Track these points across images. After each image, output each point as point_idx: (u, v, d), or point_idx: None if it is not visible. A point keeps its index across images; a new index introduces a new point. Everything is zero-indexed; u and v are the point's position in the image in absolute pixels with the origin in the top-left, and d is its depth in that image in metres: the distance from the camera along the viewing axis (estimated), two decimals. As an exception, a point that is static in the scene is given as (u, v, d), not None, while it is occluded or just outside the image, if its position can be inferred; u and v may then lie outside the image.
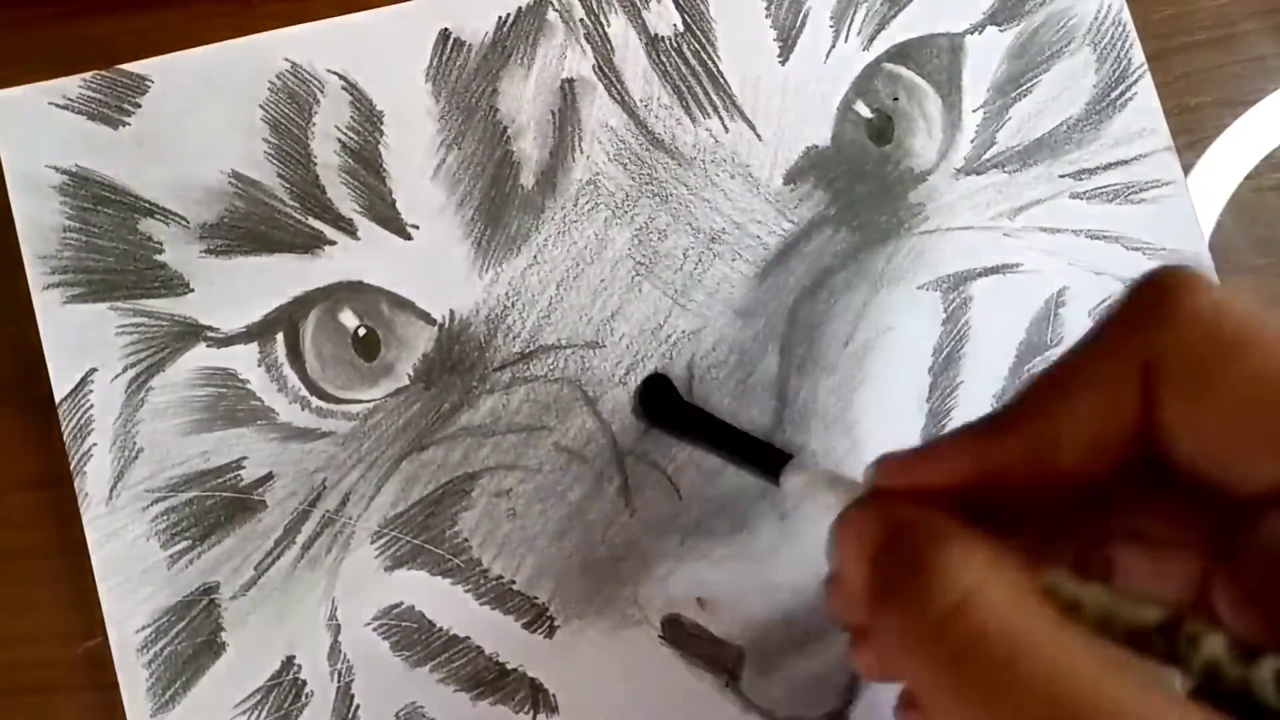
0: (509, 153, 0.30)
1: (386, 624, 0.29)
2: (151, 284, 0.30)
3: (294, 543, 0.29)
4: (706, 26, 0.31)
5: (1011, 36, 0.32)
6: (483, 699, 0.29)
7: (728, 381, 0.30)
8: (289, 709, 0.29)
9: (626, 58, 0.31)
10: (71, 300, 0.29)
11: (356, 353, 0.30)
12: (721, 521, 0.29)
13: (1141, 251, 0.32)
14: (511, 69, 0.30)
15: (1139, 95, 0.32)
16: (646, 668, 0.29)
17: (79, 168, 0.30)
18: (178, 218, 0.30)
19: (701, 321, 0.30)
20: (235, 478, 0.29)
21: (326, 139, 0.30)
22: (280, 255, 0.30)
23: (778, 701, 0.29)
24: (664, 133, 0.31)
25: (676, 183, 0.31)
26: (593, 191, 0.30)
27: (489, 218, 0.30)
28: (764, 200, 0.31)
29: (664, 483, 0.29)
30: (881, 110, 0.31)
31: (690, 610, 0.29)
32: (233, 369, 0.29)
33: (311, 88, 0.30)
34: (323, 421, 0.29)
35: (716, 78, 0.31)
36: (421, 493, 0.29)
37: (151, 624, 0.29)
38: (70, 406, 0.29)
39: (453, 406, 0.30)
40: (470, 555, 0.29)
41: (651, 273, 0.30)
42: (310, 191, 0.30)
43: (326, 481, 0.29)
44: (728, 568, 0.29)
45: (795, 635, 0.29)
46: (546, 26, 0.31)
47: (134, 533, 0.29)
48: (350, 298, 0.30)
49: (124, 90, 0.30)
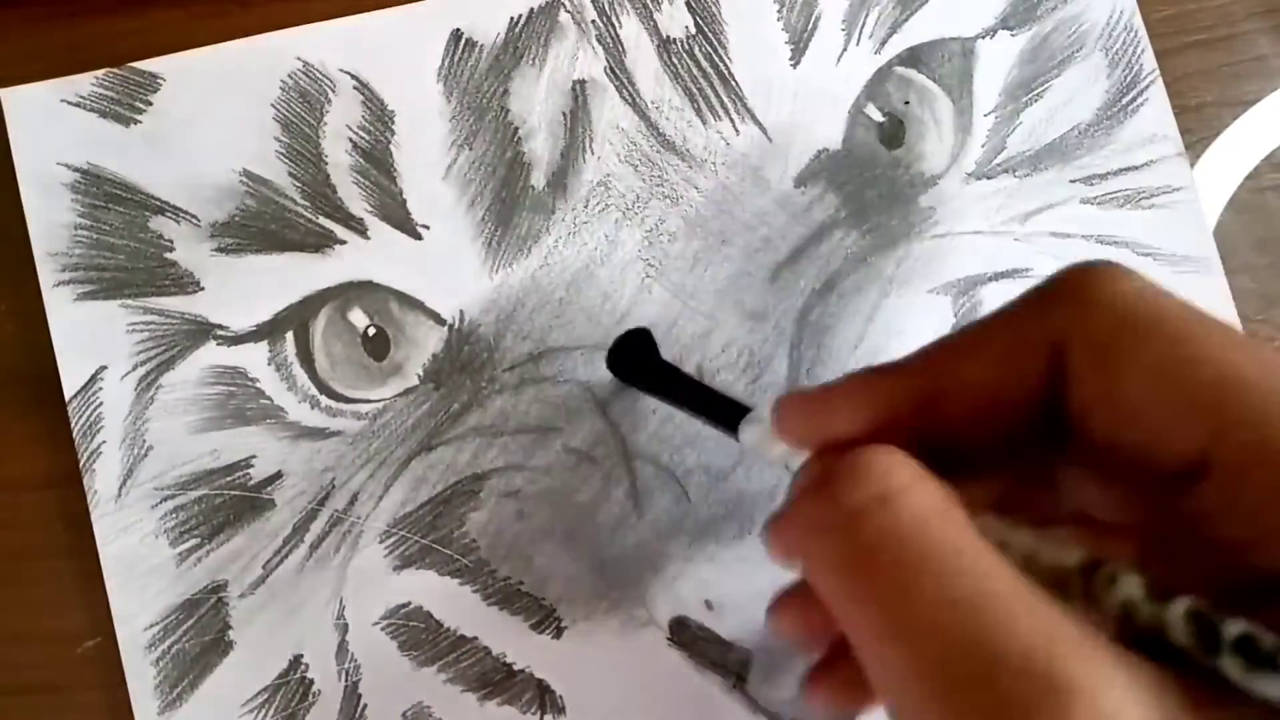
0: (520, 153, 0.30)
1: (394, 624, 0.29)
2: (162, 282, 0.30)
3: (302, 542, 0.29)
4: (718, 29, 0.31)
5: (1023, 41, 0.32)
6: (490, 699, 0.29)
7: (737, 383, 0.30)
8: (296, 708, 0.29)
9: (638, 59, 0.31)
10: (82, 298, 0.29)
11: (366, 352, 0.30)
12: (729, 524, 0.29)
13: (1151, 257, 0.32)
14: (523, 70, 0.31)
15: (1150, 101, 0.32)
16: (654, 669, 0.29)
17: (90, 165, 0.30)
18: (189, 216, 0.30)
19: (711, 324, 0.30)
20: (244, 476, 0.29)
21: (338, 138, 0.30)
22: (291, 254, 0.30)
23: (784, 704, 0.29)
24: (675, 135, 0.31)
25: (687, 185, 0.31)
26: (603, 193, 0.30)
27: (499, 218, 0.30)
28: (774, 203, 0.31)
29: (672, 485, 0.29)
30: (893, 114, 0.31)
31: (698, 612, 0.29)
32: (242, 367, 0.29)
33: (323, 87, 0.30)
34: (332, 421, 0.29)
35: (728, 80, 0.31)
36: (430, 493, 0.29)
37: (159, 622, 0.29)
38: (80, 404, 0.29)
39: (462, 407, 0.30)
40: (478, 556, 0.29)
41: (662, 274, 0.30)
42: (321, 191, 0.30)
43: (335, 481, 0.29)
44: (735, 570, 0.29)
45: (802, 638, 0.29)
46: (558, 28, 0.31)
47: (143, 530, 0.29)
48: (360, 297, 0.30)
49: (136, 88, 0.30)
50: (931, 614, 0.14)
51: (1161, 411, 0.16)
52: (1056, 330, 0.17)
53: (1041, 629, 0.14)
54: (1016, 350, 0.18)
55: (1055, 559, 0.16)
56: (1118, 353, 0.16)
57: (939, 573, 0.15)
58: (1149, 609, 0.15)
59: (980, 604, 0.14)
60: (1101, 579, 0.16)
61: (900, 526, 0.15)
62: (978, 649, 0.14)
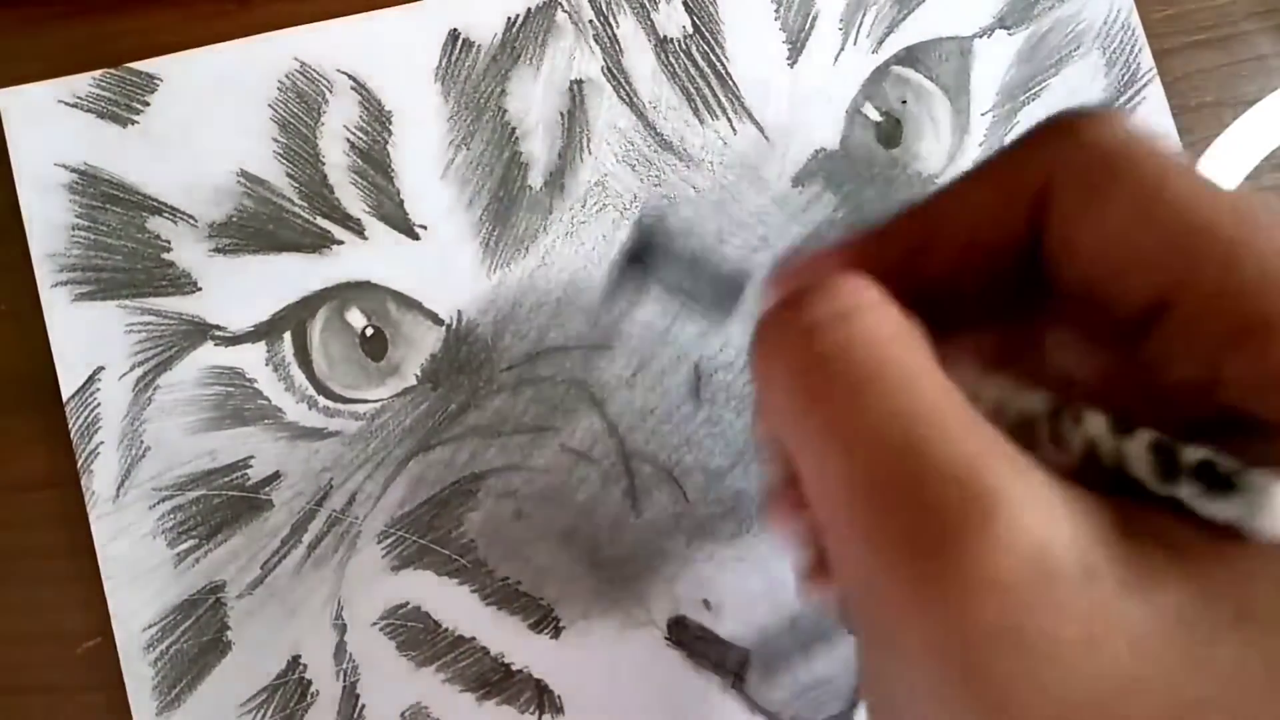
0: (517, 153, 0.30)
1: (392, 624, 0.29)
2: (160, 283, 0.30)
3: (300, 542, 0.29)
4: (715, 28, 0.31)
5: (1020, 40, 0.32)
6: (488, 699, 0.29)
7: (734, 383, 0.30)
8: (294, 708, 0.29)
9: (635, 59, 0.31)
10: (80, 299, 0.29)
11: (364, 352, 0.30)
12: (727, 523, 0.29)
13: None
14: (520, 70, 0.31)
15: (1148, 100, 0.32)
16: (652, 669, 0.29)
17: (88, 166, 0.30)
18: (186, 216, 0.30)
19: (708, 323, 0.30)
20: (242, 477, 0.29)
21: (335, 139, 0.30)
22: (288, 254, 0.30)
23: (783, 704, 0.29)
24: (672, 134, 0.31)
25: (685, 184, 0.31)
26: (601, 192, 0.30)
27: (497, 218, 0.30)
28: (772, 202, 0.31)
29: (670, 484, 0.29)
30: (890, 113, 0.31)
31: (696, 612, 0.29)
32: (240, 368, 0.29)
33: (320, 87, 0.30)
34: (330, 421, 0.29)
35: (725, 80, 0.31)
36: (428, 493, 0.29)
37: (158, 622, 0.29)
38: (78, 405, 0.29)
39: (460, 407, 0.30)
40: (476, 556, 0.29)
41: (659, 274, 0.30)
42: (319, 191, 0.30)
43: (333, 481, 0.29)
44: (733, 570, 0.29)
45: (801, 637, 0.29)
46: (555, 28, 0.31)
47: (141, 531, 0.29)
48: (358, 297, 0.30)
49: (133, 89, 0.30)
50: (872, 423, 0.14)
51: (1128, 253, 0.16)
52: (1041, 171, 0.17)
53: (976, 446, 0.14)
54: (1003, 193, 0.17)
55: (1025, 405, 0.16)
56: (1095, 192, 0.16)
57: (884, 388, 0.15)
58: (1110, 444, 0.15)
59: (920, 418, 0.14)
60: (1066, 419, 0.16)
61: (854, 340, 0.15)
62: (910, 459, 0.14)
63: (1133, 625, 0.13)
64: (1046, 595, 0.13)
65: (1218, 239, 0.15)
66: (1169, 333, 0.16)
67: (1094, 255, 0.16)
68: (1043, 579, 0.13)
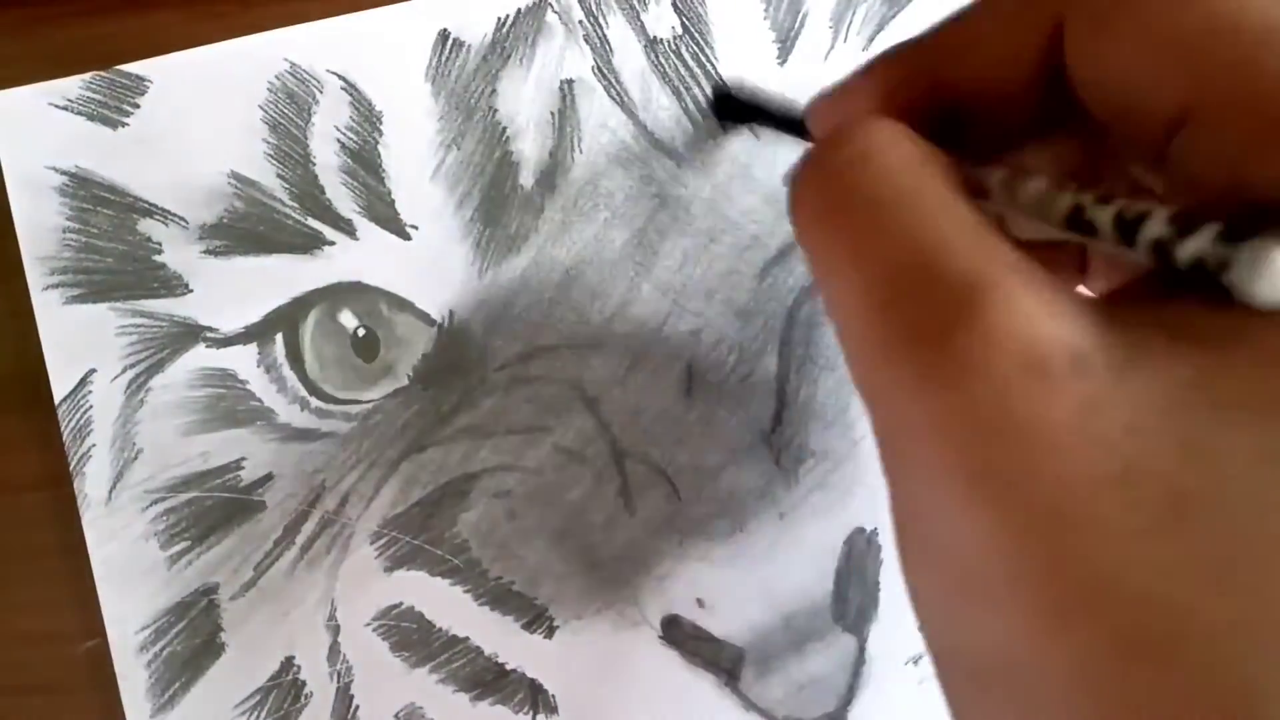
0: (508, 153, 0.30)
1: (386, 624, 0.29)
2: (151, 284, 0.30)
3: (293, 543, 0.29)
4: (704, 28, 0.31)
5: (1010, 37, 0.32)
6: (482, 699, 0.29)
7: (727, 381, 0.30)
8: (288, 709, 0.29)
9: (625, 59, 0.31)
10: (71, 301, 0.29)
11: (356, 353, 0.30)
12: (721, 522, 0.29)
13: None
14: (511, 69, 0.31)
15: None
16: (646, 668, 0.29)
17: (78, 168, 0.30)
18: (177, 218, 0.30)
19: (701, 322, 0.30)
20: (234, 478, 0.29)
21: (326, 139, 0.30)
22: (279, 256, 0.30)
23: (777, 702, 0.29)
24: (663, 133, 0.31)
25: (676, 183, 0.31)
26: (592, 192, 0.30)
27: (488, 218, 0.30)
28: (763, 200, 0.31)
29: (663, 483, 0.29)
30: (880, 111, 0.31)
31: (690, 610, 0.29)
32: (232, 369, 0.29)
33: (310, 88, 0.30)
34: (322, 422, 0.29)
35: (715, 79, 0.31)
36: (421, 493, 0.29)
37: (151, 624, 0.29)
38: (69, 407, 0.29)
39: (452, 407, 0.30)
40: (470, 556, 0.29)
41: (651, 273, 0.30)
42: (309, 192, 0.30)
43: (326, 482, 0.29)
44: (727, 568, 0.29)
45: (795, 636, 0.29)
46: (545, 28, 0.31)
47: (133, 533, 0.29)
48: (349, 298, 0.30)
49: (123, 91, 0.30)
50: (886, 242, 0.16)
51: (1148, 63, 0.16)
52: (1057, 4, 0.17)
53: (982, 253, 0.14)
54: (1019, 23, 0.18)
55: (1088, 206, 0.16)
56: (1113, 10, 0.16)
57: (899, 210, 0.16)
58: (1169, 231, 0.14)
59: (926, 230, 0.15)
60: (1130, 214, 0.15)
61: (876, 174, 0.16)
62: (917, 268, 0.15)
63: (1124, 412, 0.13)
64: (1037, 384, 0.13)
65: (1239, 41, 0.14)
66: (1193, 139, 0.15)
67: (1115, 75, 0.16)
68: (1033, 367, 0.13)
